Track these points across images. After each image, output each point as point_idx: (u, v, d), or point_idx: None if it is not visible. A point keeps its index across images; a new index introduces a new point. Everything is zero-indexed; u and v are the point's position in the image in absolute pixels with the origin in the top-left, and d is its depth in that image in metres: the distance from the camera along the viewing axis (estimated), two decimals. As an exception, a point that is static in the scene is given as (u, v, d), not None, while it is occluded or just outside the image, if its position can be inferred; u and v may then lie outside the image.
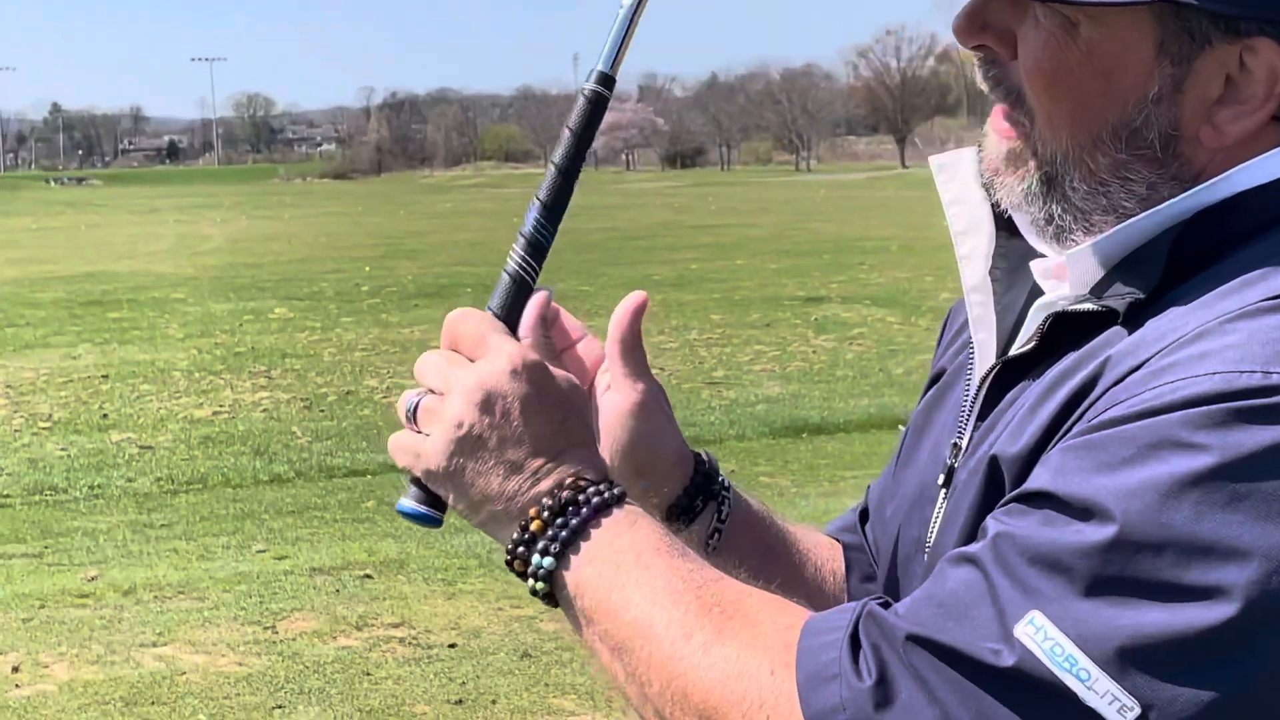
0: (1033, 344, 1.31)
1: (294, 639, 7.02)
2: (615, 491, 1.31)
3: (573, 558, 1.29)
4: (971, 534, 1.25)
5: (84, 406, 13.51)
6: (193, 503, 10.02)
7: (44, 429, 12.50)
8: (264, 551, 8.62)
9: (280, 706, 6.18)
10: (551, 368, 1.36)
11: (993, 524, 1.17)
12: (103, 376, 15.18)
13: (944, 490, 1.41)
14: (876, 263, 26.68)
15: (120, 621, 7.34)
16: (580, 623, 1.29)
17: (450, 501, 1.34)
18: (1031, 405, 1.27)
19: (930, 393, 1.58)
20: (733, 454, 11.12)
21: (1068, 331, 1.28)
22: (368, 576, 8.01)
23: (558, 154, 1.43)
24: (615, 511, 1.30)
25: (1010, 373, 1.34)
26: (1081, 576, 1.09)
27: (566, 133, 1.43)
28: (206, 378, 15.04)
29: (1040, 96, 1.29)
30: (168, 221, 51.30)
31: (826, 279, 23.86)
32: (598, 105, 1.42)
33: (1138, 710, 1.06)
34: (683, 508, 1.60)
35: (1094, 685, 1.07)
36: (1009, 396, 1.33)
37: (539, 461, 1.31)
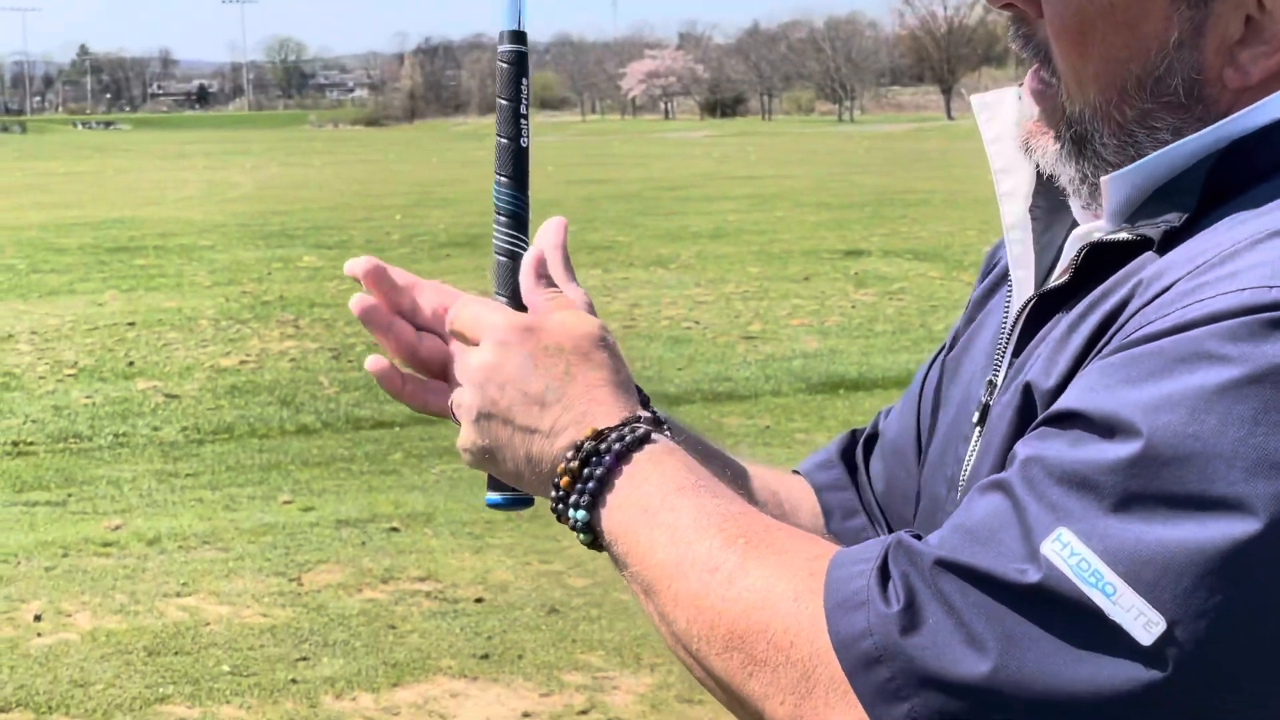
0: (1068, 276, 1.33)
1: (319, 591, 7.07)
2: (638, 433, 1.34)
3: (602, 508, 1.33)
4: (1003, 463, 1.26)
5: (109, 354, 13.59)
6: (218, 452, 10.08)
7: (69, 376, 12.58)
8: (290, 503, 8.67)
9: (305, 658, 6.23)
10: (549, 317, 1.40)
11: (1022, 448, 1.18)
12: (129, 324, 15.25)
13: (978, 428, 1.43)
14: (919, 216, 26.59)
15: (144, 571, 7.40)
16: (619, 567, 1.34)
17: (507, 480, 1.43)
18: (1064, 333, 1.28)
19: (964, 336, 1.59)
20: (768, 409, 11.13)
21: (1103, 263, 1.30)
22: (394, 529, 8.06)
23: (500, 126, 1.46)
24: (637, 455, 1.33)
25: (1046, 306, 1.36)
26: (1108, 493, 1.10)
27: (501, 103, 1.46)
28: (233, 326, 15.10)
29: (1066, 53, 1.31)
30: (196, 167, 51.43)
31: (868, 232, 23.78)
32: (518, 65, 1.46)
33: (1163, 625, 1.07)
34: None
35: (1119, 600, 1.08)
36: (1044, 329, 1.35)
37: (551, 419, 1.36)
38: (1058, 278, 1.35)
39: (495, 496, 1.47)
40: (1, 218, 28.51)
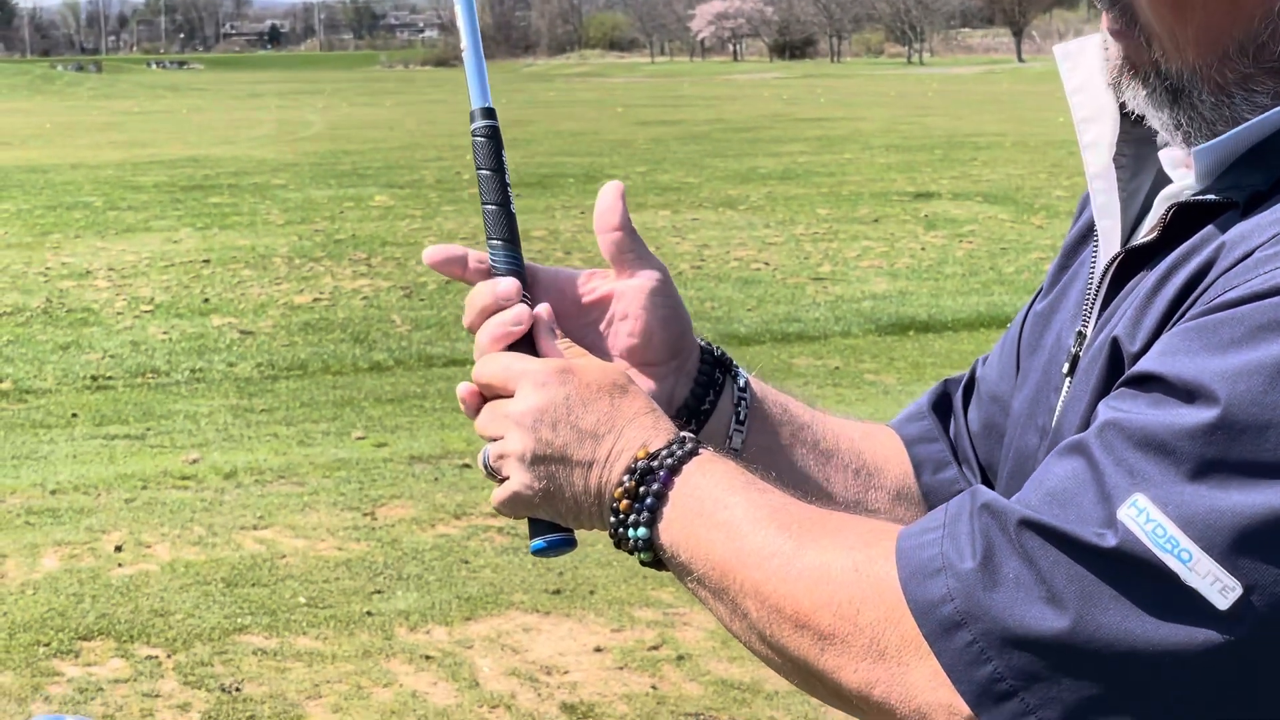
0: (1155, 234, 1.32)
1: (392, 525, 7.13)
2: (687, 448, 1.37)
3: (659, 523, 1.35)
4: (1090, 418, 1.26)
5: (185, 291, 13.69)
6: (293, 388, 10.15)
7: (145, 312, 12.70)
8: (363, 439, 8.74)
9: (379, 591, 6.29)
10: (576, 360, 1.44)
11: (1103, 410, 1.19)
12: (204, 261, 15.36)
13: (1068, 378, 1.43)
14: (989, 159, 26.38)
15: (221, 504, 7.48)
16: (683, 578, 1.35)
17: (559, 520, 1.44)
18: (1148, 292, 1.28)
19: (1059, 283, 1.58)
20: (838, 351, 11.11)
21: (1189, 222, 1.28)
22: (466, 466, 8.10)
23: (486, 194, 1.52)
24: (687, 467, 1.35)
25: (1133, 261, 1.35)
26: (1185, 459, 1.10)
27: (484, 174, 1.52)
28: (306, 264, 15.18)
29: (1163, 16, 1.29)
30: (269, 107, 51.63)
31: (937, 174, 23.62)
32: (494, 138, 1.52)
33: (1239, 591, 1.07)
34: (692, 408, 1.61)
35: (1195, 566, 1.08)
36: (1130, 285, 1.34)
37: (606, 449, 1.38)
38: (1145, 235, 1.34)
39: (544, 540, 1.47)
40: (79, 156, 28.75)
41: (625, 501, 1.36)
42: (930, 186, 21.84)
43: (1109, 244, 1.43)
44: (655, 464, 1.36)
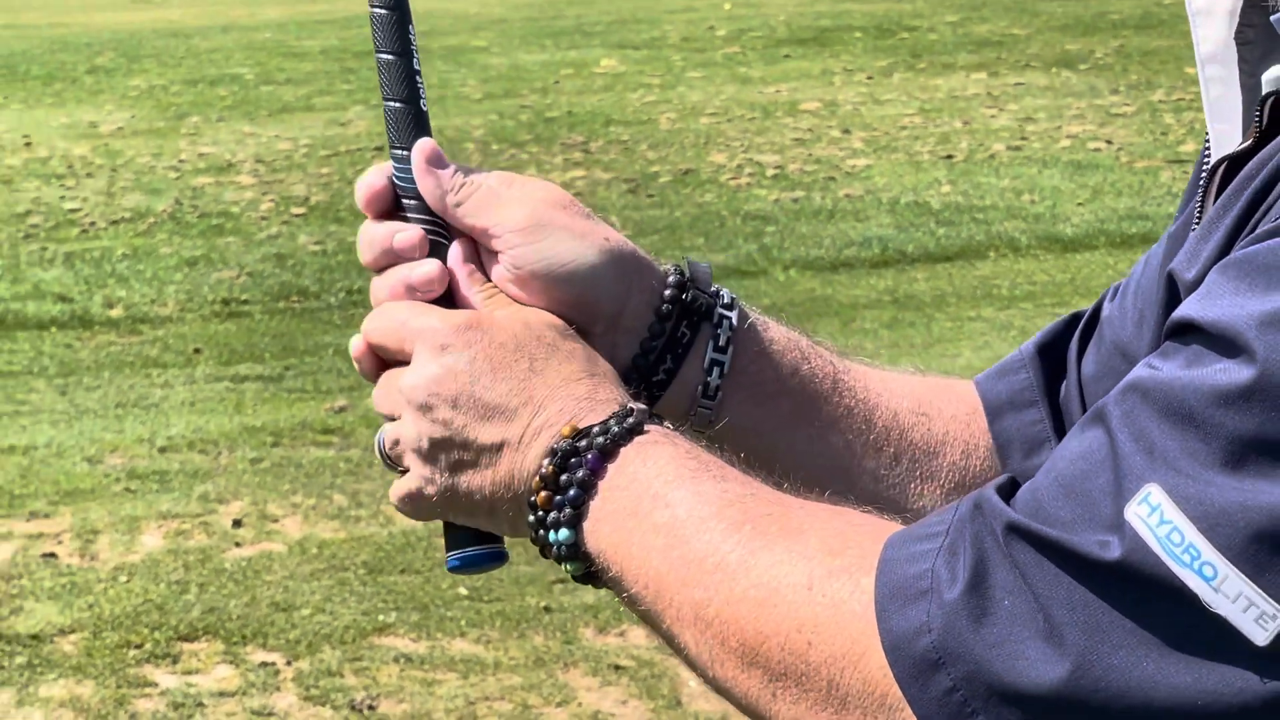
0: (1253, 137, 1.26)
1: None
2: (626, 424, 1.33)
3: (585, 523, 1.33)
4: None
5: (349, 187, 13.90)
6: (475, 314, 10.26)
7: (297, 216, 12.94)
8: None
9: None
10: (492, 313, 1.41)
11: (1136, 369, 1.15)
12: (376, 148, 15.60)
13: None
14: None
15: (371, 466, 7.60)
16: (619, 595, 1.34)
17: (476, 524, 1.43)
18: (1217, 212, 1.23)
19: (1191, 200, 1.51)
20: (1196, 258, 10.86)
21: None
22: (689, 415, 8.11)
23: (387, 87, 1.54)
24: (625, 449, 1.32)
25: (1235, 174, 1.28)
26: (1213, 433, 1.06)
27: (384, 59, 1.54)
28: (506, 150, 15.33)
29: None
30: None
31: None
32: (399, 8, 1.55)
33: None
34: (643, 365, 1.53)
35: (1222, 585, 1.04)
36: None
37: (520, 426, 1.36)
38: (1245, 140, 1.28)
39: (458, 557, 1.46)
40: (231, 16, 29.40)
41: (544, 494, 1.34)
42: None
43: (1220, 152, 1.35)
44: (583, 444, 1.33)
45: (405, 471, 1.42)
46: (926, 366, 6.97)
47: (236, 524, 6.97)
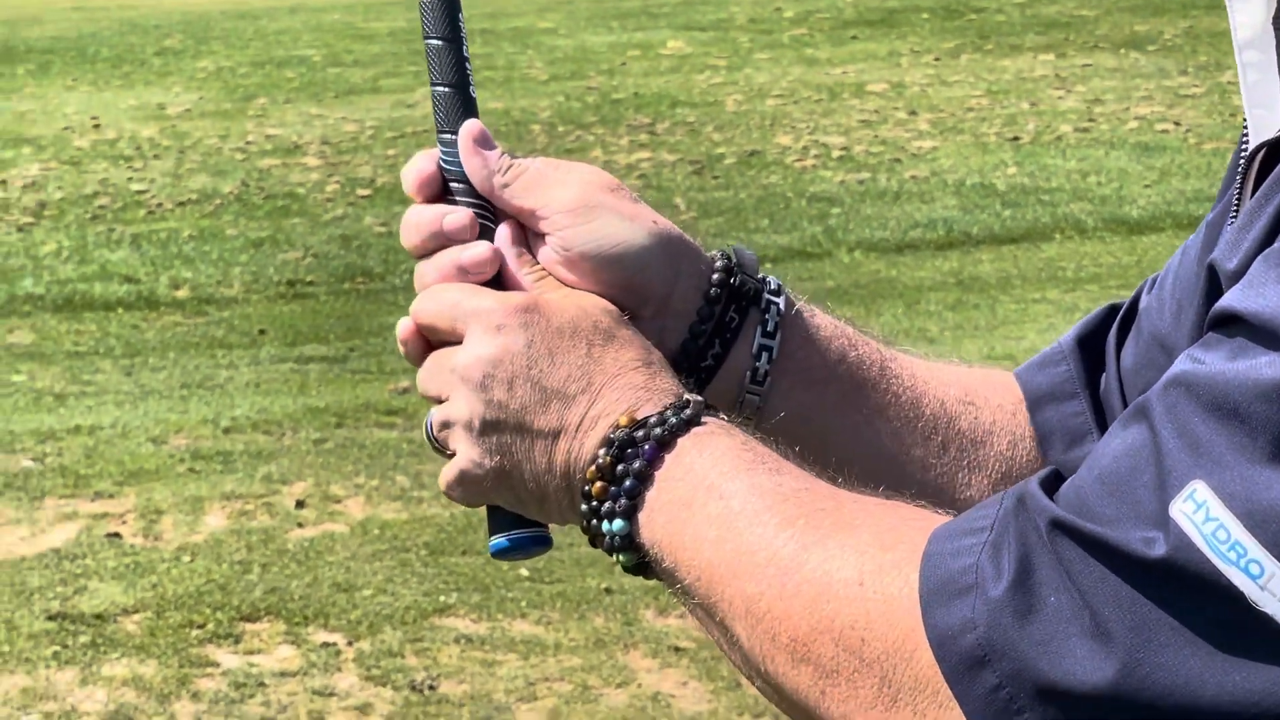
0: None
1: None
2: (685, 415, 1.32)
3: (640, 514, 1.31)
4: None
5: (414, 169, 13.94)
6: (540, 295, 10.28)
7: (362, 198, 12.98)
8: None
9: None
10: (547, 296, 1.39)
11: (1178, 361, 1.13)
12: (442, 131, 15.61)
13: None
14: None
15: (434, 447, 7.61)
16: (671, 588, 1.32)
17: (523, 510, 1.41)
18: (1256, 203, 1.20)
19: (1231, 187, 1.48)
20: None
21: None
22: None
23: (436, 72, 1.53)
24: (683, 440, 1.31)
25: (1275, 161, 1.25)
26: (1261, 428, 1.04)
27: (433, 44, 1.53)
28: (573, 132, 15.33)
29: None
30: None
31: None
32: None
33: None
34: (691, 350, 1.50)
35: (1268, 583, 1.03)
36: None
37: (578, 413, 1.35)
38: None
39: (503, 539, 1.44)
40: (300, -3, 29.49)
41: (599, 484, 1.33)
42: None
43: (1259, 139, 1.32)
44: (640, 434, 1.31)
45: (453, 455, 1.41)
46: (990, 349, 6.95)
47: (299, 505, 6.99)
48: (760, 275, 1.54)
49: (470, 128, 1.48)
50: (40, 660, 5.79)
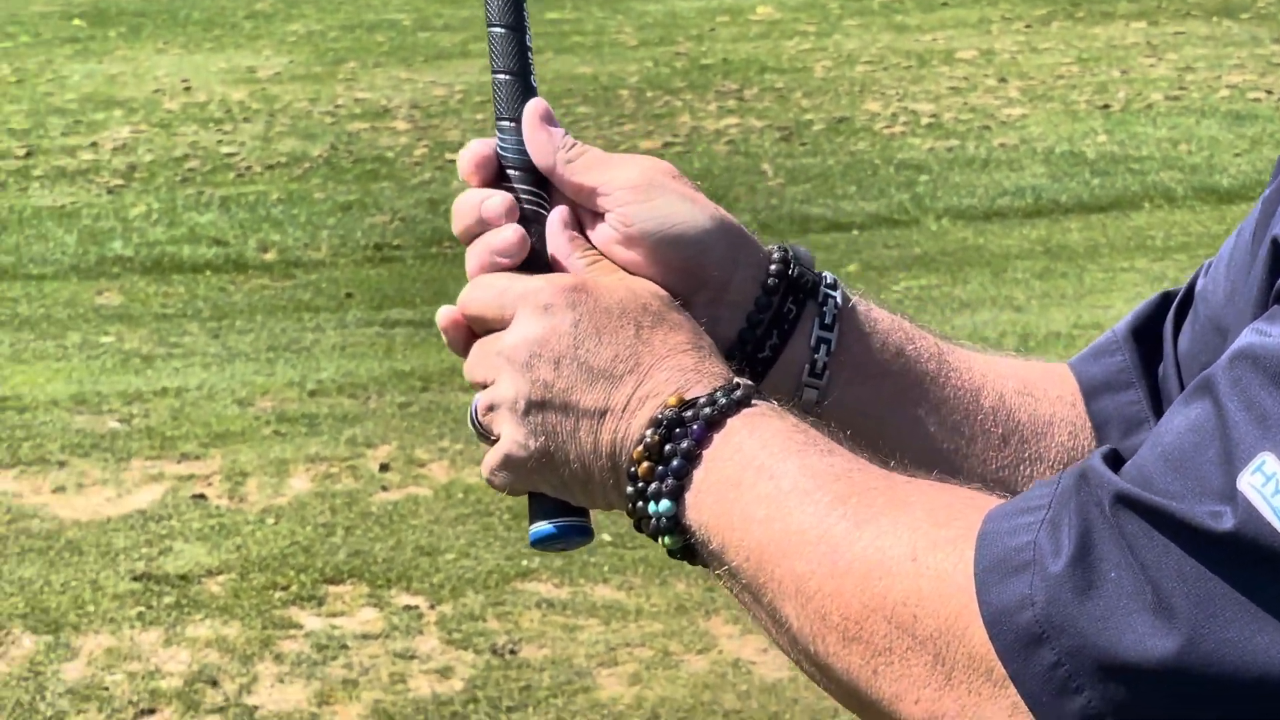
0: None
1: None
2: (735, 396, 1.31)
3: (687, 494, 1.30)
4: None
5: (502, 134, 13.96)
6: (626, 261, 10.27)
7: (450, 162, 12.97)
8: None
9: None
10: (596, 278, 1.39)
11: (1244, 334, 1.12)
12: (530, 95, 15.62)
13: None
14: None
15: (518, 412, 7.62)
16: (716, 571, 1.32)
17: (568, 494, 1.39)
18: None
19: None
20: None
21: None
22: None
23: (498, 59, 1.55)
24: (732, 420, 1.30)
25: None
26: None
27: (497, 31, 1.55)
28: (661, 98, 15.31)
29: None
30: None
31: None
32: None
33: None
34: (749, 339, 1.50)
35: None
36: None
37: (625, 394, 1.34)
38: None
39: (545, 527, 1.43)
40: (390, -39, 29.54)
41: (646, 464, 1.32)
42: None
43: None
44: (689, 414, 1.31)
45: (497, 441, 1.40)
46: (1078, 318, 6.89)
47: (384, 468, 7.02)
48: (817, 271, 1.53)
49: (536, 105, 1.49)
50: (125, 621, 5.83)
